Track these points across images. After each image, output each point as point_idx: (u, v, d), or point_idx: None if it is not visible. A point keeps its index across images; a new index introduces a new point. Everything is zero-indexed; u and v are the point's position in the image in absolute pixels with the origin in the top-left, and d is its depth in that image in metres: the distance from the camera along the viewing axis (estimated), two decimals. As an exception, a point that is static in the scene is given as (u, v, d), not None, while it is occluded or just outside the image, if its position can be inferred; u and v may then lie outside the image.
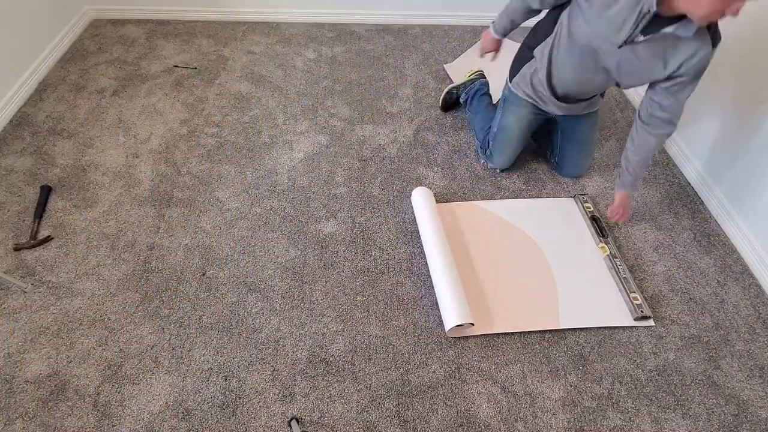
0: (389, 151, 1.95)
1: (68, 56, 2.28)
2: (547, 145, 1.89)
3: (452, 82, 2.22)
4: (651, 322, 1.46)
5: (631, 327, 1.45)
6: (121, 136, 1.92)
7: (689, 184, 1.91)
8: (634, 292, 1.50)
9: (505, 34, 1.65)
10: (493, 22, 1.64)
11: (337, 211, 1.71)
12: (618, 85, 1.48)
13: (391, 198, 1.77)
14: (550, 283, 1.54)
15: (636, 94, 2.24)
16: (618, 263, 1.58)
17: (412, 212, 1.72)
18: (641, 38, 1.25)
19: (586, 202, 1.78)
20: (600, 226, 1.69)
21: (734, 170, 1.70)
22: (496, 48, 1.71)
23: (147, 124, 1.98)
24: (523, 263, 1.60)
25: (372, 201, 1.76)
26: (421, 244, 1.61)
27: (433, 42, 2.56)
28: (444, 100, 2.10)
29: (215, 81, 2.22)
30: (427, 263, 1.55)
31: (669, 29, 1.20)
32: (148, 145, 1.89)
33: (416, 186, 1.80)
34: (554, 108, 1.67)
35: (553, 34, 1.49)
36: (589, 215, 1.73)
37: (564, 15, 1.43)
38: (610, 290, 1.53)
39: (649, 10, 1.17)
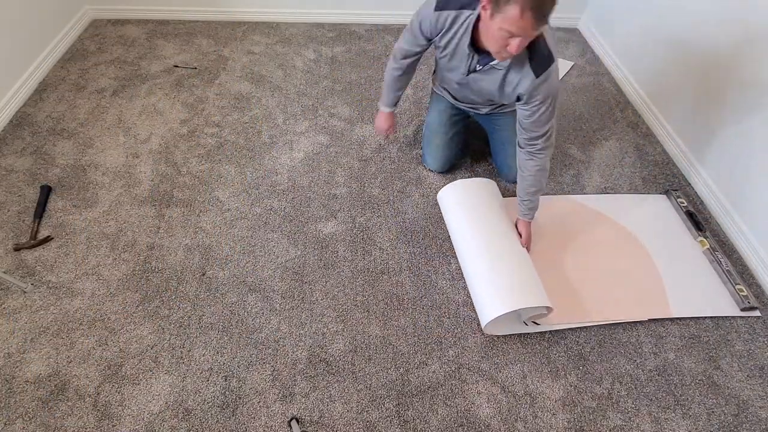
0: (389, 151, 1.95)
1: (68, 56, 2.28)
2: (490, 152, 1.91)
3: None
4: (757, 313, 1.50)
5: (633, 324, 1.45)
6: (121, 136, 1.92)
7: (689, 184, 1.91)
8: (739, 284, 1.53)
9: (396, 104, 1.72)
10: (379, 103, 1.72)
11: (337, 211, 1.71)
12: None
13: (391, 198, 1.77)
14: (656, 275, 1.58)
15: (635, 94, 2.24)
16: (719, 256, 1.61)
17: (412, 212, 1.72)
18: (479, 67, 1.39)
19: (679, 197, 1.80)
20: (696, 221, 1.71)
21: (735, 171, 1.70)
22: (393, 123, 1.77)
23: (147, 124, 1.98)
24: (626, 255, 1.64)
25: (372, 201, 1.76)
26: (423, 244, 1.61)
27: (433, 42, 2.56)
28: None
29: (215, 81, 2.22)
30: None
31: (494, 62, 1.34)
32: (148, 145, 1.89)
33: (416, 186, 1.80)
34: (463, 105, 1.71)
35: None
36: (684, 210, 1.75)
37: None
38: (714, 281, 1.57)
39: (471, 49, 1.33)
